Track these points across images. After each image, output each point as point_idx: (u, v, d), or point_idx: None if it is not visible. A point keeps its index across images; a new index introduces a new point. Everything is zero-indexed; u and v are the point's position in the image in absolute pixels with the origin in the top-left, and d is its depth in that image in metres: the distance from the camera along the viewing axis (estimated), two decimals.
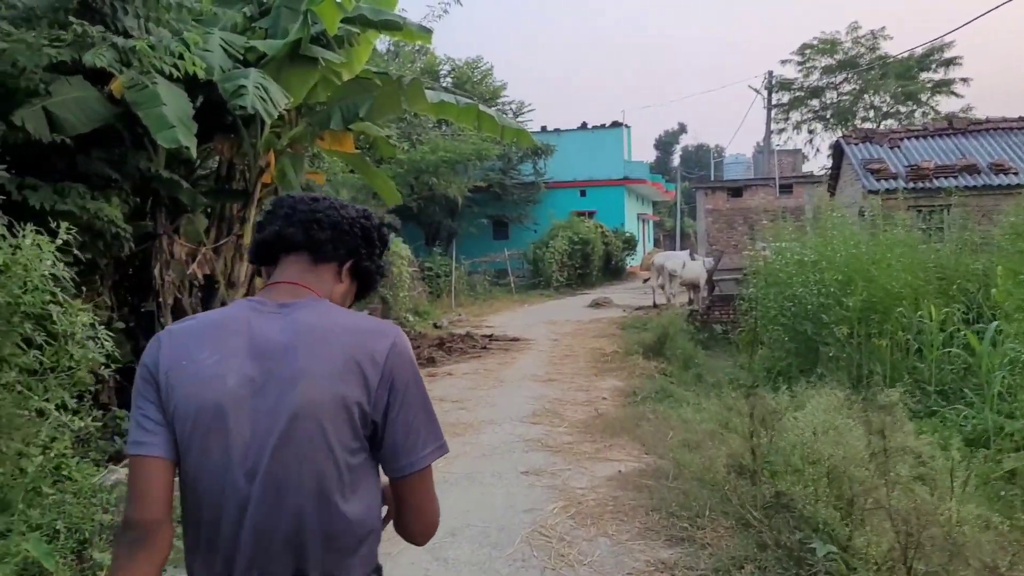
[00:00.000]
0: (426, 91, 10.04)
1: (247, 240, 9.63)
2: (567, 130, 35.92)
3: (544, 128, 35.45)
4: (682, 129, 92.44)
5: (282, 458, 1.52)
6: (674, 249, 52.63)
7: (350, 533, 1.58)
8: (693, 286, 19.65)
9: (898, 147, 18.31)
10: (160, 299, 8.93)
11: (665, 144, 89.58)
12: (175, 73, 6.83)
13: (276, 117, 9.14)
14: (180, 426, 1.54)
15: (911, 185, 16.52)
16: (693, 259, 20.93)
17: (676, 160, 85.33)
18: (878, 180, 16.80)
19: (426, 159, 21.82)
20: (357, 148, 13.78)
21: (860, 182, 17.61)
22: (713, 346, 15.81)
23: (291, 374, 1.54)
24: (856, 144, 18.66)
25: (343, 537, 1.57)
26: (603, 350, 13.13)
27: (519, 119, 32.49)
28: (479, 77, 33.18)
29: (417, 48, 37.14)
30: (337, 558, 1.57)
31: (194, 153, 6.98)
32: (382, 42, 34.34)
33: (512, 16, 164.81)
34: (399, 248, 15.99)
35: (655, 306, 20.53)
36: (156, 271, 8.95)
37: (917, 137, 18.62)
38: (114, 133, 7.72)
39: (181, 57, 6.73)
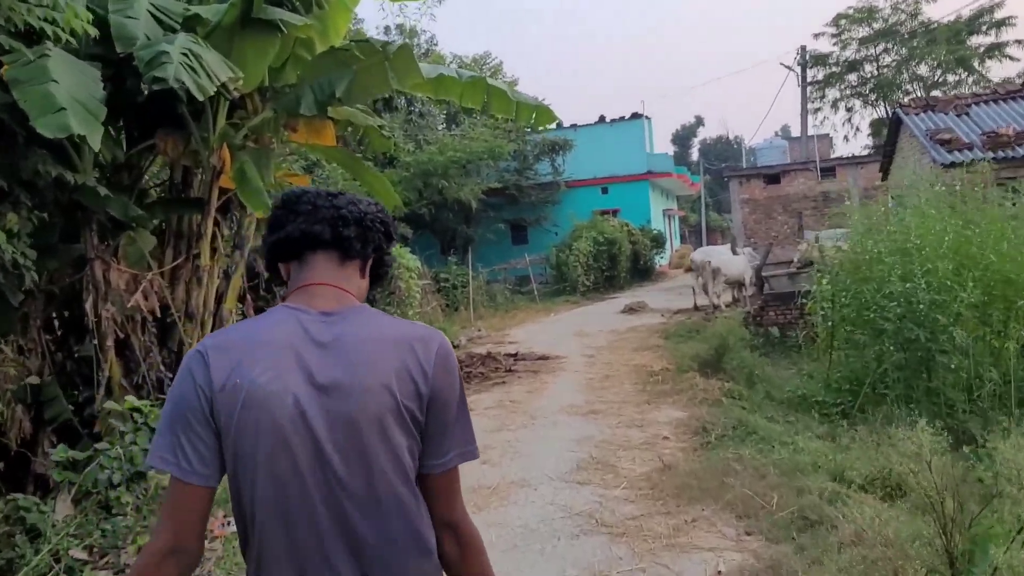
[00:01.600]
0: (421, 65, 8.10)
1: (205, 261, 7.71)
2: (584, 125, 33.88)
3: (560, 124, 33.41)
4: (699, 122, 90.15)
5: (354, 470, 1.53)
6: (701, 244, 50.41)
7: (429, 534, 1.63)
8: (738, 284, 17.53)
9: (966, 114, 16.12)
10: (97, 340, 7.01)
11: (682, 138, 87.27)
12: (55, 32, 4.90)
13: (225, 98, 7.24)
14: (240, 449, 1.53)
15: (990, 155, 14.32)
16: (736, 254, 18.83)
17: (695, 154, 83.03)
18: (950, 152, 14.61)
19: (434, 160, 19.89)
20: (342, 141, 11.84)
21: (927, 156, 15.45)
22: (770, 352, 13.72)
23: (350, 389, 1.54)
24: (917, 114, 16.49)
25: (425, 537, 1.61)
26: (650, 367, 11.07)
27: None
28: (489, 73, 31.23)
29: (419, 42, 35.33)
30: (424, 561, 1.60)
31: (96, 144, 5.03)
32: (375, 30, 32.59)
33: (518, 7, 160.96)
34: (407, 259, 14.04)
35: (696, 308, 18.44)
36: (88, 305, 7.05)
37: (987, 102, 16.42)
38: (5, 130, 5.83)
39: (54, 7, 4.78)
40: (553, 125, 27.68)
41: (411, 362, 1.60)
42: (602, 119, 34.39)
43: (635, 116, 33.98)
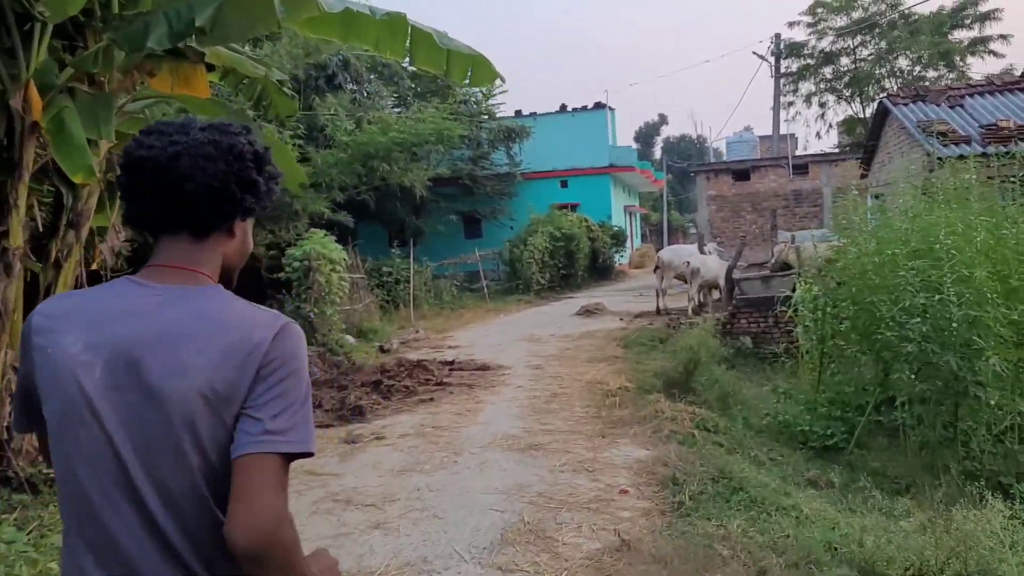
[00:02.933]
0: None
1: (14, 241, 5.75)
2: (545, 114, 32.09)
3: (519, 112, 31.61)
4: (663, 120, 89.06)
5: (154, 458, 1.40)
6: (663, 244, 48.95)
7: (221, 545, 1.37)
8: (711, 287, 15.86)
9: (960, 106, 14.63)
10: None
11: (645, 136, 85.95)
12: None
13: (43, 22, 5.33)
14: (48, 416, 1.46)
15: (989, 149, 12.81)
16: (704, 254, 17.19)
17: (658, 152, 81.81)
18: (946, 145, 13.06)
19: (375, 141, 17.92)
20: (230, 101, 9.95)
21: (917, 150, 13.90)
22: (742, 364, 12.09)
23: (167, 369, 1.39)
24: (906, 104, 14.95)
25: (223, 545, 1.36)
26: (606, 384, 9.30)
27: (489, 103, 28.62)
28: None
29: None
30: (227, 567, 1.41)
31: None
32: None
33: None
34: (329, 249, 12.11)
35: (659, 312, 16.75)
36: None
37: (982, 93, 14.94)
38: None
39: None
40: (497, 90, 25.65)
41: (244, 346, 1.41)
42: (563, 108, 32.64)
43: (598, 106, 32.29)
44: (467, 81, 7.25)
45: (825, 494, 6.45)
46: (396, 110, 23.43)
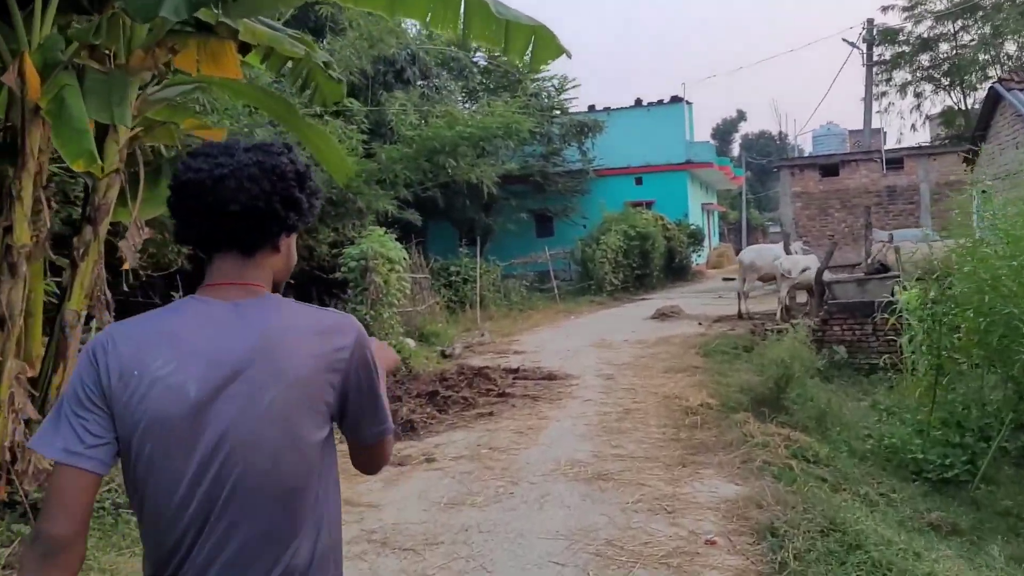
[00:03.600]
0: None
1: (22, 238, 5.14)
2: (619, 108, 30.98)
3: (592, 107, 30.56)
4: (741, 116, 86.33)
5: (255, 466, 1.46)
6: (741, 243, 47.21)
7: (329, 542, 1.58)
8: (805, 289, 14.64)
9: None
10: None
11: (723, 132, 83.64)
12: None
13: None
14: (136, 439, 1.46)
15: None
16: (789, 253, 15.97)
17: (735, 150, 79.52)
18: None
19: (440, 135, 17.21)
20: (276, 86, 9.35)
21: None
22: (835, 376, 10.96)
23: (257, 380, 1.47)
24: (1021, 90, 13.49)
25: (324, 548, 1.56)
26: (686, 400, 8.33)
27: (561, 97, 27.71)
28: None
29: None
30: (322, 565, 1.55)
31: None
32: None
33: None
34: (389, 248, 11.41)
35: (741, 316, 15.60)
36: None
37: None
38: None
39: None
40: (570, 84, 24.60)
41: (325, 349, 1.53)
42: (638, 103, 31.50)
43: (675, 100, 31.06)
44: (528, 57, 6.39)
45: (952, 543, 5.40)
46: (466, 105, 22.75)
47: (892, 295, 13.38)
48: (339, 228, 16.22)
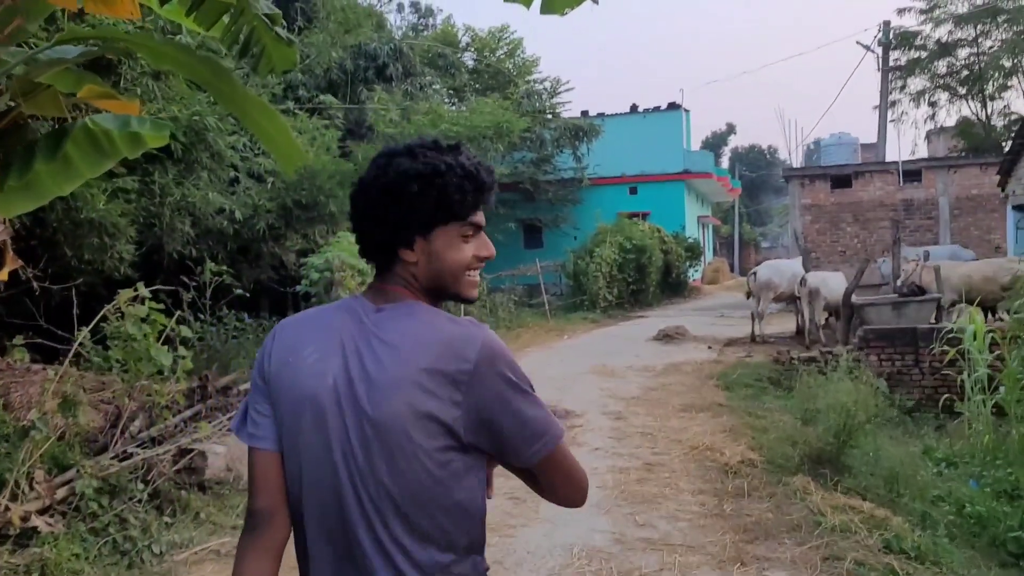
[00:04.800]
0: None
1: None
2: (614, 115, 29.49)
3: (585, 113, 29.03)
4: (731, 129, 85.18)
5: (373, 463, 1.50)
6: (733, 258, 45.82)
7: (443, 541, 1.54)
8: (834, 311, 13.06)
9: None
10: None
11: (713, 146, 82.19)
12: None
13: None
14: (284, 421, 1.57)
15: None
16: (807, 270, 14.41)
17: (725, 163, 78.36)
18: None
19: (423, 134, 15.58)
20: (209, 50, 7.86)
21: None
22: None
23: (380, 384, 1.50)
24: None
25: (434, 541, 1.53)
26: (720, 454, 6.69)
27: (554, 100, 26.17)
28: (506, 50, 26.97)
29: (434, 21, 31.28)
30: (433, 565, 1.52)
31: None
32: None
33: None
34: (358, 257, 9.73)
35: (755, 340, 14.03)
36: None
37: None
38: None
39: None
40: (563, 87, 23.02)
41: (446, 362, 1.49)
42: (634, 109, 30.04)
43: (672, 107, 29.60)
44: None
45: None
46: (452, 105, 21.16)
47: (936, 320, 11.87)
48: (309, 234, 14.58)
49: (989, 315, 12.73)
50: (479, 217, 1.62)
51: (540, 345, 15.32)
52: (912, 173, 19.79)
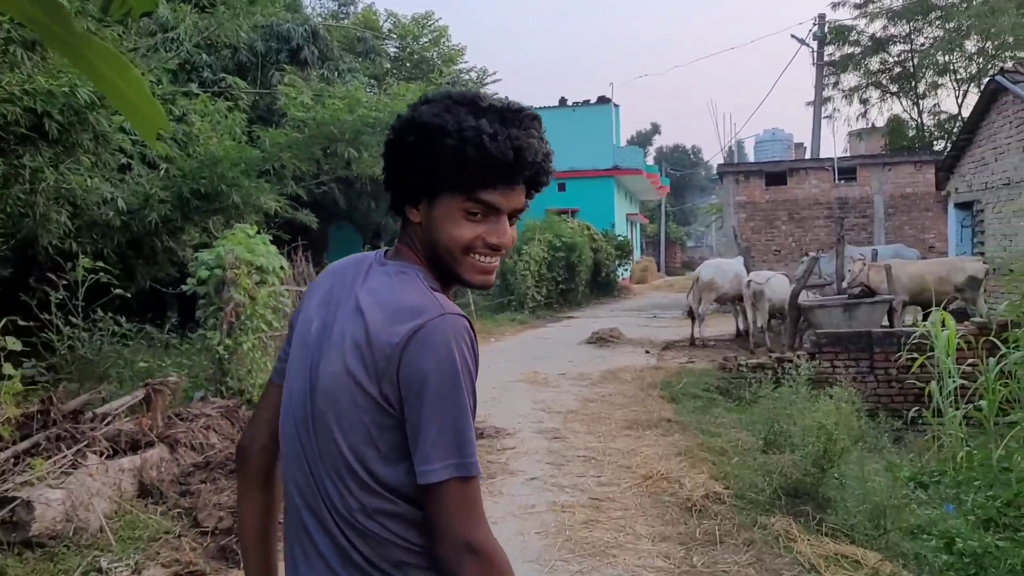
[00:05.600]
0: None
1: None
2: (542, 108, 28.53)
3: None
4: (655, 129, 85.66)
5: (320, 422, 1.40)
6: (659, 257, 45.43)
7: (383, 513, 1.37)
8: (777, 312, 12.23)
9: None
10: None
11: (638, 145, 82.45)
12: None
13: None
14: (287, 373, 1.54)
15: None
16: (750, 269, 13.64)
17: (651, 163, 78.41)
18: None
19: (339, 120, 14.25)
20: None
21: None
22: None
23: (330, 340, 1.42)
24: None
25: (372, 518, 1.37)
26: (679, 485, 5.68)
27: (482, 91, 25.03)
28: (430, 37, 25.77)
29: (356, 9, 29.82)
30: (370, 550, 1.37)
31: None
32: None
33: None
34: (257, 254, 8.44)
35: (693, 343, 13.18)
36: None
37: None
38: None
39: None
40: (490, 78, 21.86)
41: (382, 334, 1.35)
42: (563, 102, 29.18)
43: (602, 101, 28.83)
44: None
45: None
46: (373, 92, 19.85)
47: (889, 323, 11.16)
48: (208, 228, 13.14)
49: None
50: (493, 197, 1.42)
51: None
52: (847, 170, 19.34)
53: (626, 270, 29.35)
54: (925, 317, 12.40)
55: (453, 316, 1.36)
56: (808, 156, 21.64)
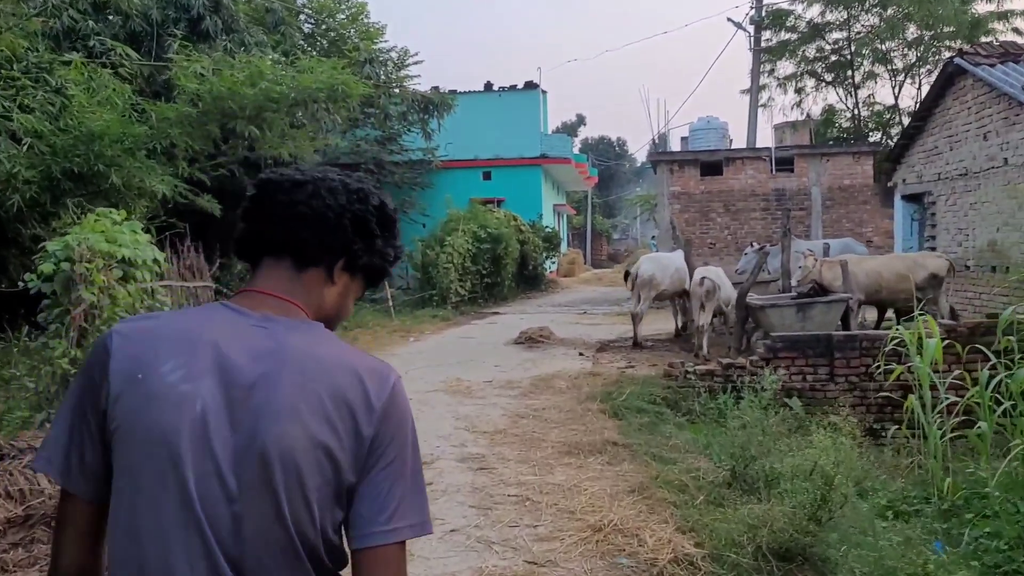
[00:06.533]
0: None
1: None
2: (467, 92, 27.14)
3: (437, 89, 26.55)
4: (581, 120, 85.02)
5: (252, 510, 1.22)
6: (585, 249, 44.56)
7: None
8: (718, 311, 11.16)
9: None
10: None
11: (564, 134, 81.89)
12: None
13: None
14: (122, 453, 1.25)
15: None
16: (691, 265, 12.61)
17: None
18: None
19: (238, 93, 12.65)
20: None
21: (1015, 127, 9.66)
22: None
23: (271, 409, 1.24)
24: (993, 65, 10.69)
25: None
26: (639, 541, 4.48)
27: (401, 74, 23.62)
28: (348, 14, 24.09)
29: None
30: None
31: None
32: None
33: None
34: (119, 244, 6.94)
35: (636, 344, 12.08)
36: None
37: None
38: None
39: None
40: (411, 59, 20.69)
41: (354, 395, 1.28)
42: (488, 87, 27.84)
43: (530, 86, 27.62)
44: None
45: None
46: (280, 66, 18.21)
47: (843, 324, 10.24)
48: (82, 207, 11.47)
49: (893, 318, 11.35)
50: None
51: (382, 350, 12.77)
52: (784, 161, 18.59)
53: (553, 263, 28.28)
54: (881, 317, 11.59)
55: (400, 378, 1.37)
56: (742, 147, 20.87)
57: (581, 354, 11.75)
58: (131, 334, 1.30)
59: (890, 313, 11.31)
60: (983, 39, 17.80)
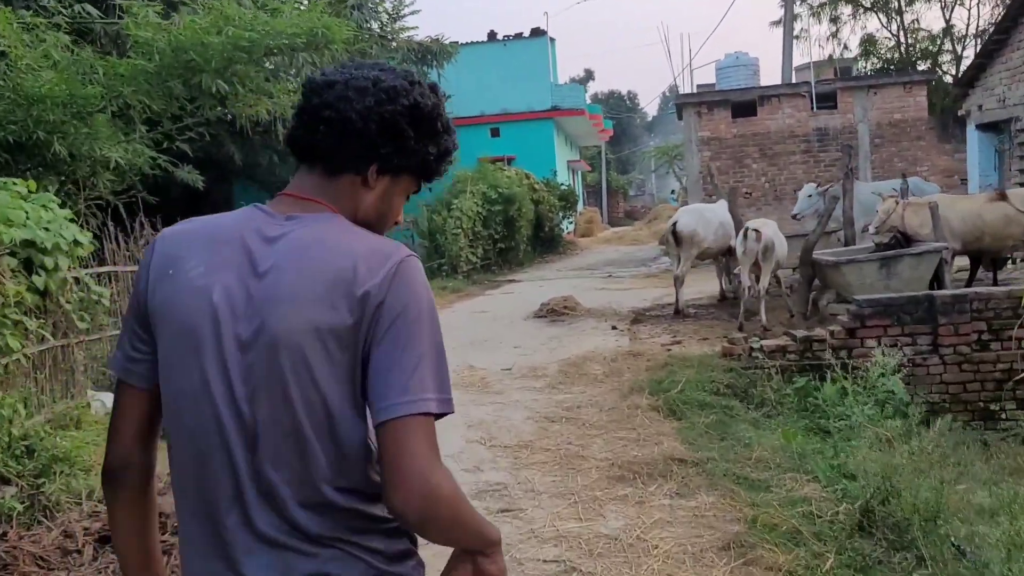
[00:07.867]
0: None
1: None
2: (469, 43, 25.13)
3: (437, 39, 24.57)
4: (589, 75, 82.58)
5: (262, 396, 1.25)
6: (601, 207, 42.57)
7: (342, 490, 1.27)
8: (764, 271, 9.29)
9: None
10: None
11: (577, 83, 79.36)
12: None
13: None
14: (160, 344, 1.31)
15: None
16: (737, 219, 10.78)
17: None
18: None
19: (204, 42, 10.87)
20: None
21: None
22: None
23: (276, 296, 1.25)
24: None
25: (333, 496, 1.26)
26: None
27: (397, 26, 21.70)
28: None
29: None
30: (328, 521, 1.26)
31: None
32: None
33: None
34: (19, 220, 5.27)
35: (679, 312, 10.33)
36: None
37: None
38: None
39: None
40: (407, 8, 18.88)
41: (353, 275, 1.25)
42: (492, 37, 25.84)
43: (536, 33, 25.59)
44: None
45: None
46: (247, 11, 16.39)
47: (939, 283, 8.44)
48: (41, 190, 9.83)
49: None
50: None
51: None
52: (825, 96, 16.63)
53: (570, 223, 26.47)
54: (974, 271, 9.76)
55: (416, 258, 1.32)
56: (778, 83, 18.85)
57: (614, 327, 10.01)
58: (170, 236, 1.36)
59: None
60: None
